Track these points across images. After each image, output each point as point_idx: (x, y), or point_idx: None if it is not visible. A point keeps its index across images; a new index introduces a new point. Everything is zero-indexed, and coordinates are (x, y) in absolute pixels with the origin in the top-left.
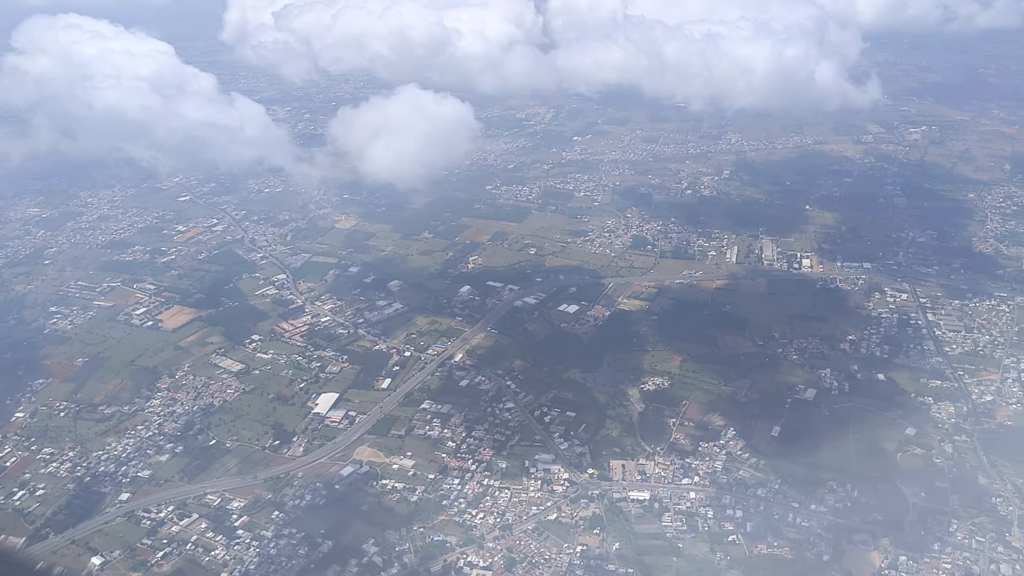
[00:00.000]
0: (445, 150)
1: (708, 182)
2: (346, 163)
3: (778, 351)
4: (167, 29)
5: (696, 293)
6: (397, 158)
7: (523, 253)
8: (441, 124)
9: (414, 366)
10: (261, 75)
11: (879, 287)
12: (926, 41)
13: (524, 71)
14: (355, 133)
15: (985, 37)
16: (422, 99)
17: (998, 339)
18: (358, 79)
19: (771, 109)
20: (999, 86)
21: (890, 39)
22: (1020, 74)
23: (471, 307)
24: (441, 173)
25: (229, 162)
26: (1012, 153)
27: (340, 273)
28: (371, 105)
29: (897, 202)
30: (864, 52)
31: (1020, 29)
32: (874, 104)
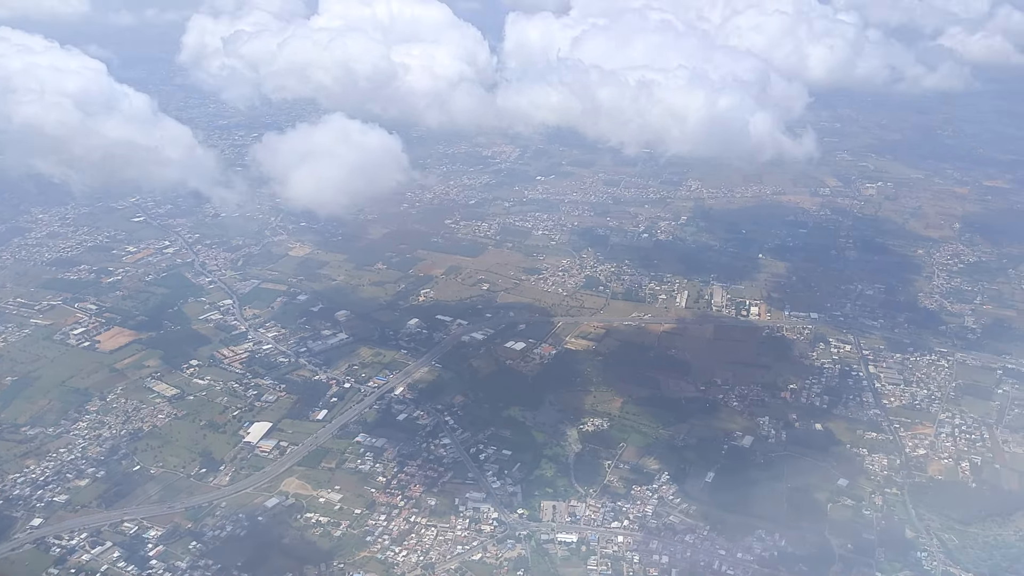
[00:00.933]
0: (370, 180)
1: (665, 227)
2: (267, 188)
3: (719, 397)
4: (132, 49)
5: (643, 336)
6: (319, 185)
7: (475, 288)
8: (366, 154)
9: (353, 398)
10: (211, 100)
11: (824, 337)
12: (884, 100)
13: (469, 109)
14: (279, 159)
15: (938, 98)
16: (348, 128)
17: (935, 394)
18: (303, 107)
19: (705, 156)
20: (954, 147)
21: (852, 97)
22: (975, 136)
23: (417, 340)
24: (367, 202)
25: (151, 183)
26: (963, 212)
27: (288, 301)
28: (297, 132)
29: (849, 255)
30: (825, 108)
31: (964, 92)
32: (809, 157)
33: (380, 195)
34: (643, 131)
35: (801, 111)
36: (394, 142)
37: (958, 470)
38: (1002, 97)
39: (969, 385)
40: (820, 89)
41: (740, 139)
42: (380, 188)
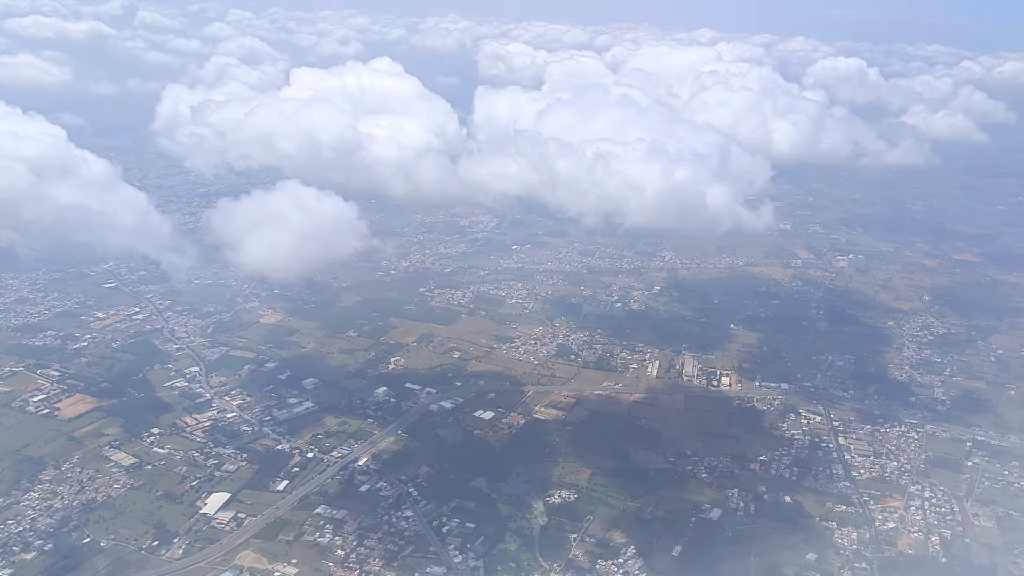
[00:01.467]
0: (324, 246)
1: (638, 296)
2: (219, 254)
3: (688, 468)
4: (113, 118)
5: (613, 405)
6: (271, 251)
7: (446, 356)
8: (320, 221)
9: (315, 468)
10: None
11: (794, 408)
12: (855, 175)
13: (434, 179)
14: (232, 225)
15: (906, 174)
16: (302, 195)
17: (905, 466)
18: (268, 175)
19: (662, 227)
20: (923, 221)
21: (822, 172)
22: (944, 211)
23: (385, 409)
24: (320, 269)
25: (104, 248)
26: (932, 285)
27: (256, 368)
28: (251, 198)
29: (819, 326)
30: (797, 183)
31: (926, 168)
32: (767, 228)
33: (339, 261)
34: (601, 202)
35: (763, 184)
36: (349, 209)
37: (928, 544)
38: (966, 173)
39: (939, 457)
40: (787, 164)
41: (697, 210)
42: (335, 255)
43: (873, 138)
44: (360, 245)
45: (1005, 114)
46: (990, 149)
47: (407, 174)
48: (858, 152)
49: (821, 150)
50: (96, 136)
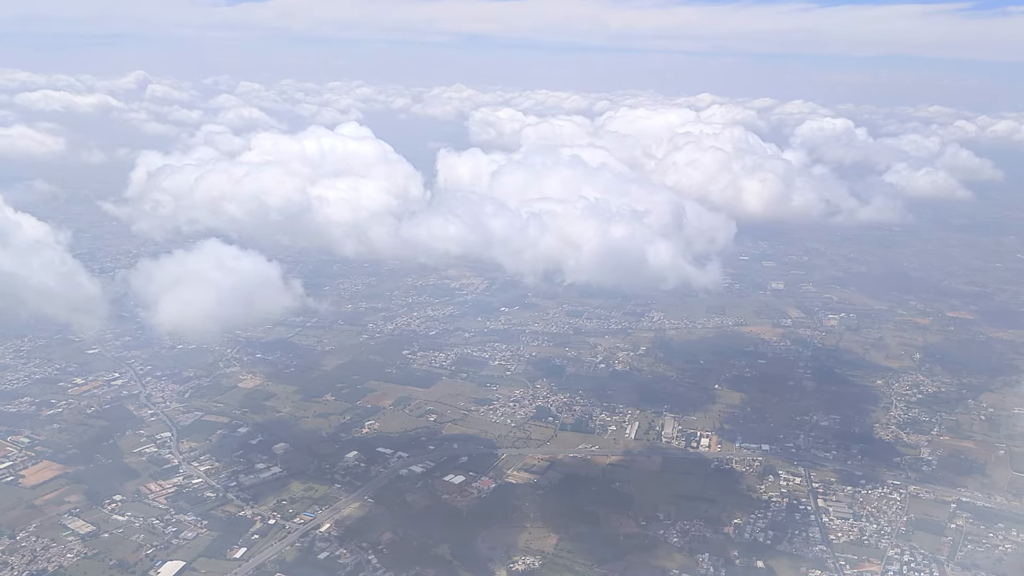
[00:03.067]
0: (245, 306)
1: (623, 357)
2: (136, 316)
3: (660, 532)
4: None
5: (588, 468)
6: (186, 311)
7: (422, 420)
8: (242, 280)
9: (276, 535)
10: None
11: (774, 470)
12: (854, 235)
13: (385, 240)
14: (151, 286)
15: (906, 233)
16: (223, 254)
17: (885, 528)
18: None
19: (602, 284)
20: (920, 279)
21: (822, 232)
22: (941, 269)
23: (354, 474)
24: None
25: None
26: (924, 343)
27: (228, 433)
28: (171, 258)
29: (806, 385)
30: (793, 243)
31: (901, 224)
32: (715, 284)
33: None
34: (539, 260)
35: (725, 242)
36: (272, 269)
37: None
38: (952, 230)
39: (921, 519)
40: (760, 222)
41: (638, 267)
42: (261, 313)
43: (845, 196)
44: (293, 304)
45: (993, 171)
46: (975, 206)
47: (359, 235)
48: (831, 210)
49: (793, 208)
50: (67, 203)
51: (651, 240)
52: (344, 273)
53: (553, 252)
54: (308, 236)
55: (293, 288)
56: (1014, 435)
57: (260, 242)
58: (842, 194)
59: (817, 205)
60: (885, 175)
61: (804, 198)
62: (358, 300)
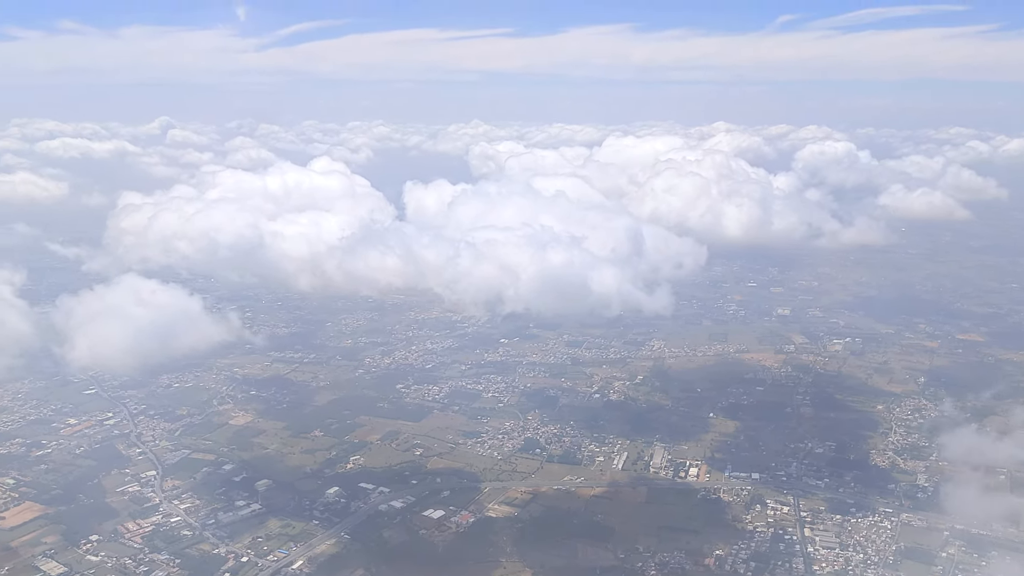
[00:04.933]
0: (163, 340)
1: (619, 387)
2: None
3: (638, 565)
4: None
5: (571, 501)
6: (102, 346)
7: (408, 454)
8: (160, 314)
9: (247, 573)
10: None
11: (762, 499)
12: (865, 259)
13: (336, 273)
14: (68, 321)
15: (922, 256)
16: (141, 288)
17: (872, 558)
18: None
19: (544, 312)
20: (931, 302)
21: (833, 256)
22: (953, 291)
23: (333, 510)
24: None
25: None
26: (929, 367)
27: (212, 471)
28: (91, 293)
29: (804, 412)
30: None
31: (885, 246)
32: (664, 308)
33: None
34: (479, 289)
35: (695, 266)
36: (194, 302)
37: None
38: (975, 252)
39: (911, 548)
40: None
41: (580, 294)
42: (187, 347)
43: (827, 219)
44: (229, 338)
45: (997, 191)
46: (973, 226)
47: (312, 269)
48: (813, 233)
49: (773, 232)
50: (39, 244)
51: (594, 266)
52: (348, 309)
53: (493, 281)
54: (260, 271)
55: (230, 321)
56: (1016, 460)
57: (224, 280)
58: (824, 217)
59: (799, 228)
60: (880, 197)
61: (785, 222)
62: (358, 335)
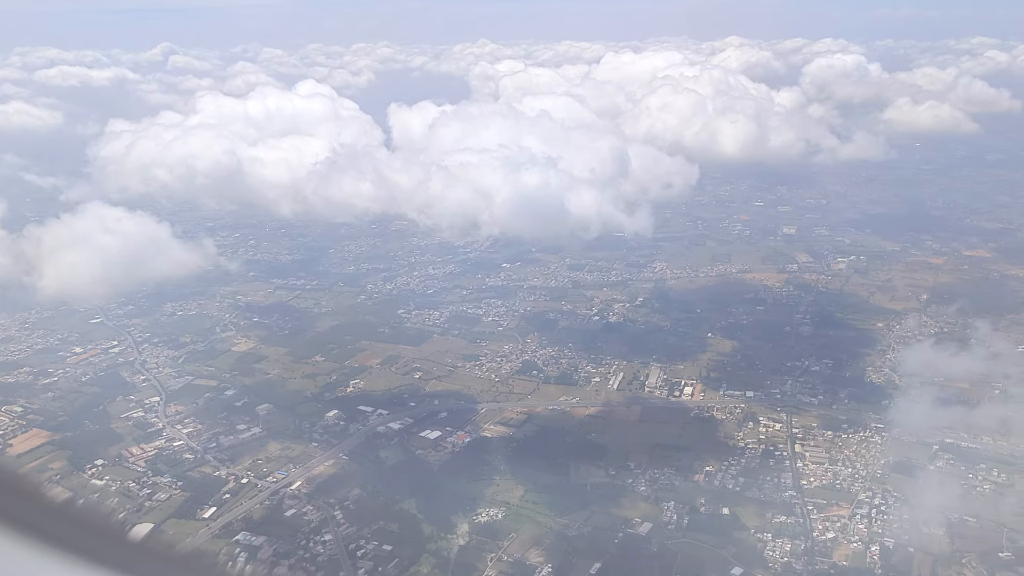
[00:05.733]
0: (131, 268)
1: (618, 309)
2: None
3: (628, 482)
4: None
5: (565, 420)
6: (69, 275)
7: (407, 377)
8: (128, 242)
9: (247, 494)
10: None
11: (755, 416)
12: (877, 176)
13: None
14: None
15: (935, 172)
16: (107, 216)
17: (860, 472)
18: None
19: (520, 235)
20: (941, 219)
21: (844, 171)
22: (964, 207)
23: (332, 432)
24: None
25: None
26: (933, 284)
27: (214, 397)
28: (57, 222)
29: (803, 331)
30: (812, 187)
31: (883, 161)
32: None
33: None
34: (454, 212)
35: (685, 186)
36: (162, 229)
37: (867, 555)
38: (991, 166)
39: (900, 462)
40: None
41: (557, 216)
42: (162, 275)
43: (826, 135)
44: (205, 265)
45: (1010, 102)
46: (980, 139)
47: (294, 196)
48: (811, 150)
49: (770, 149)
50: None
51: (572, 187)
52: (351, 235)
53: (467, 205)
54: (239, 198)
55: (205, 248)
56: (1011, 374)
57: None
58: (822, 133)
59: (796, 145)
60: (886, 111)
61: (782, 138)
62: (360, 262)
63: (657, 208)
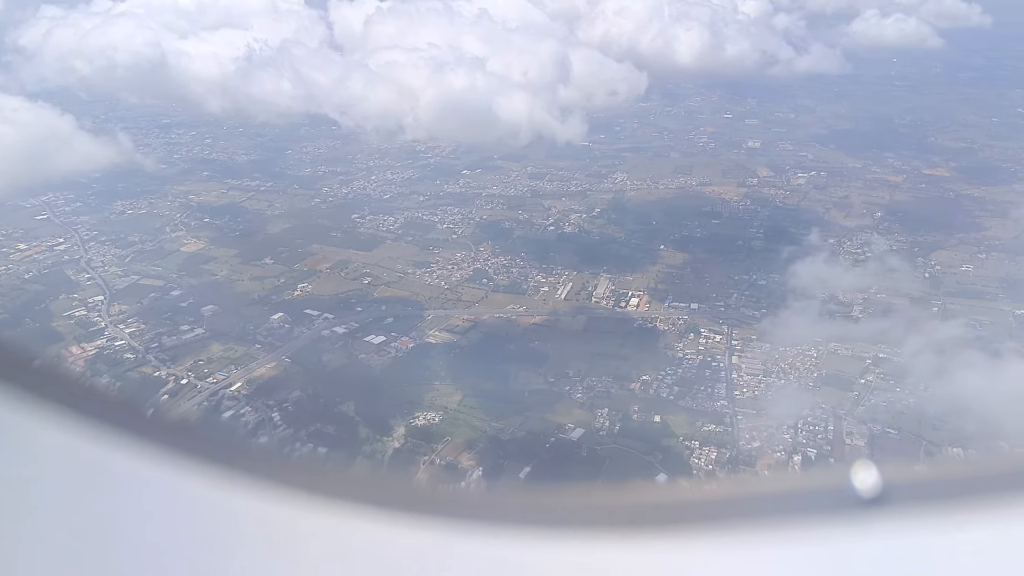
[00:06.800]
0: (32, 162)
1: (575, 219)
2: None
3: (566, 389)
4: None
5: (510, 328)
6: None
7: (356, 283)
8: (25, 134)
9: (185, 395)
10: None
11: (696, 328)
12: (849, 91)
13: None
14: None
15: (908, 88)
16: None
17: (793, 384)
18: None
19: (446, 138)
20: (906, 136)
21: (816, 86)
22: (932, 125)
23: (276, 335)
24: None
25: None
26: (889, 201)
27: (160, 296)
28: None
29: (755, 245)
30: (783, 99)
31: (840, 74)
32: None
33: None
34: (380, 116)
35: (633, 95)
36: (65, 122)
37: (789, 464)
38: (964, 84)
39: (832, 375)
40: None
41: (486, 121)
42: (68, 170)
43: (783, 46)
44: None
45: (981, 18)
46: (943, 55)
47: (222, 92)
48: (767, 61)
49: (725, 59)
50: None
51: (502, 91)
52: (310, 136)
53: (391, 106)
54: (163, 93)
55: (121, 143)
56: (952, 292)
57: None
58: (780, 44)
59: (751, 55)
60: (852, 22)
61: (737, 48)
62: (318, 164)
63: (624, 118)
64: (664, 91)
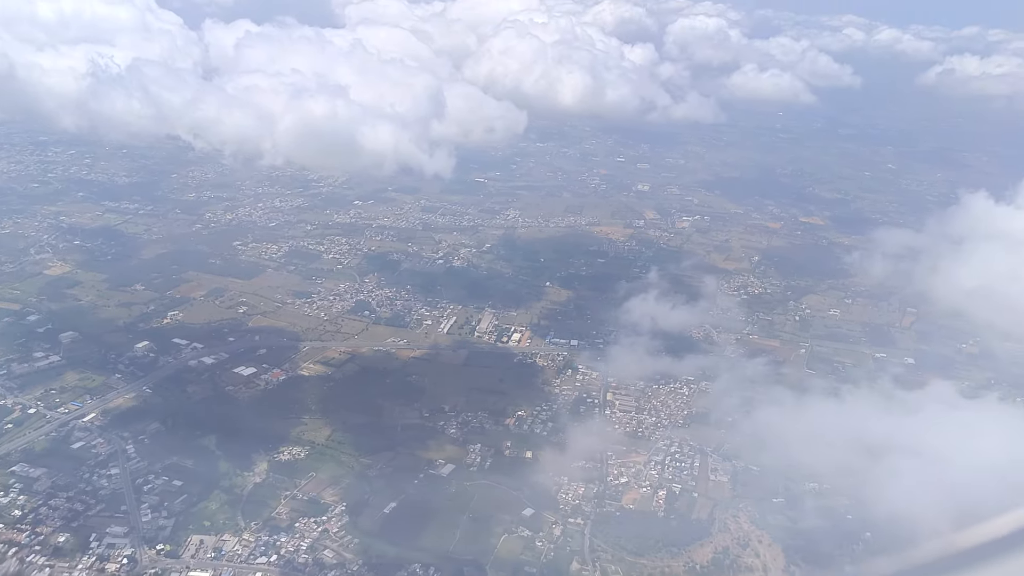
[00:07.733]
0: None
1: (464, 254)
2: None
3: (440, 424)
4: None
5: (389, 362)
6: None
7: (231, 311)
8: None
9: (32, 424)
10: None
11: (574, 364)
12: (739, 141)
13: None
14: None
15: (791, 141)
16: None
17: (663, 421)
18: None
19: (306, 164)
20: (786, 185)
21: (706, 134)
22: (810, 176)
23: (139, 364)
24: None
25: None
26: (767, 246)
27: (14, 321)
28: None
29: (636, 285)
30: (676, 145)
31: (725, 124)
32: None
33: None
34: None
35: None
36: None
37: (653, 499)
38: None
39: (702, 413)
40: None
41: (349, 149)
42: None
43: (661, 93)
44: None
45: (851, 79)
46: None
47: (76, 109)
48: (646, 107)
49: (606, 103)
50: None
51: (367, 121)
52: (197, 161)
53: (248, 130)
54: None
55: None
56: (820, 335)
57: None
58: (658, 91)
59: (631, 101)
60: (732, 75)
61: (617, 93)
62: (204, 188)
63: (521, 157)
64: (561, 133)
